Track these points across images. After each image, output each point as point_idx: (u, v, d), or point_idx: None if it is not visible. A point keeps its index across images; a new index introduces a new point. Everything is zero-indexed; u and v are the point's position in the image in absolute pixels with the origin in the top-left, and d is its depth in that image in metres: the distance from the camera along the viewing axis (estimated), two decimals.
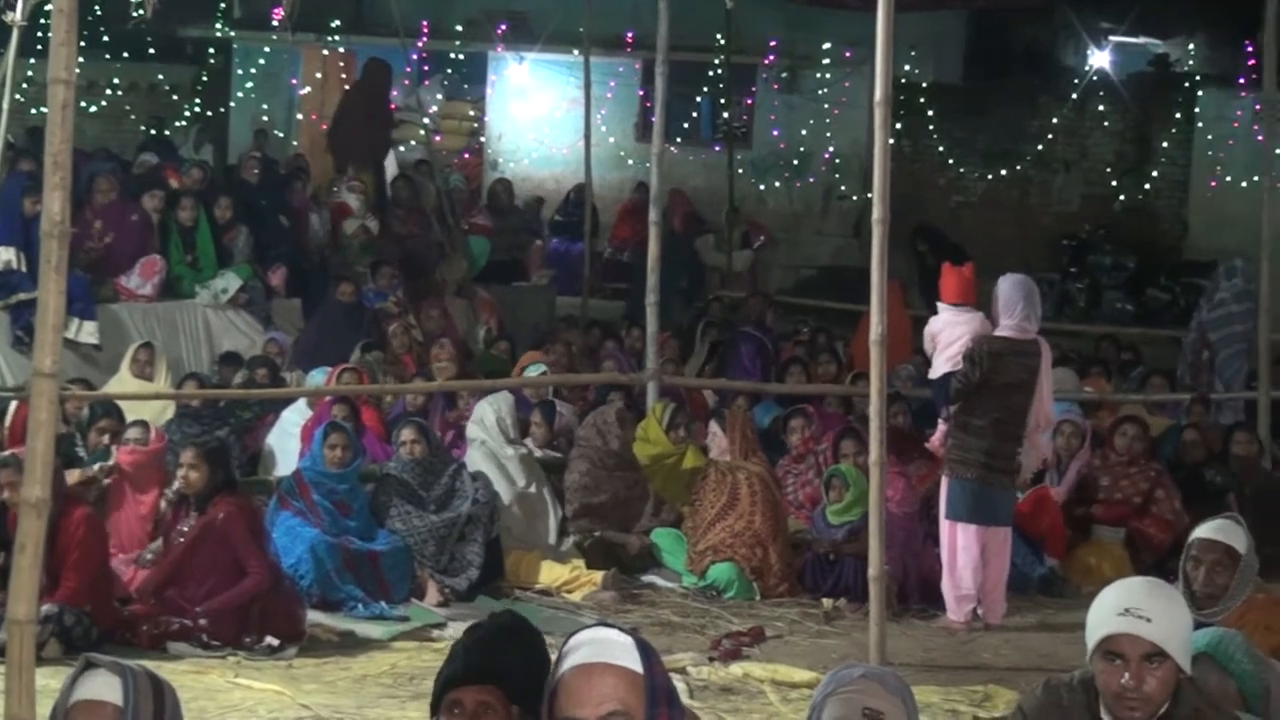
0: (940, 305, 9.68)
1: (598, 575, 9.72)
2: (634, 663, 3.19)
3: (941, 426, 9.61)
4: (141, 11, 12.05)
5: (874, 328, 8.21)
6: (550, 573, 9.81)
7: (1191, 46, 23.03)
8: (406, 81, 18.86)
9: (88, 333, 12.81)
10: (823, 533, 10.13)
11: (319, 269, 15.17)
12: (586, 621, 5.04)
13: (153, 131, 19.96)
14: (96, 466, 9.57)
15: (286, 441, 11.02)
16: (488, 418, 10.48)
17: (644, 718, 3.15)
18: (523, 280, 17.38)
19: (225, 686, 7.71)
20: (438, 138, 20.71)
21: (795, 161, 22.42)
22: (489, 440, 10.37)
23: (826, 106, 22.13)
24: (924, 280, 16.78)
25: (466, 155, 22.55)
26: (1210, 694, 4.59)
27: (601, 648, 3.20)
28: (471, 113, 23.09)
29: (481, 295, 15.69)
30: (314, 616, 8.75)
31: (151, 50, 20.90)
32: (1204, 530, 6.07)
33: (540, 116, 22.29)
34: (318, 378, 11.67)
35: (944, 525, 9.40)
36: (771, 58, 21.91)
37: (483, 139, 22.77)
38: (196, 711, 7.12)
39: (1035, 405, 9.38)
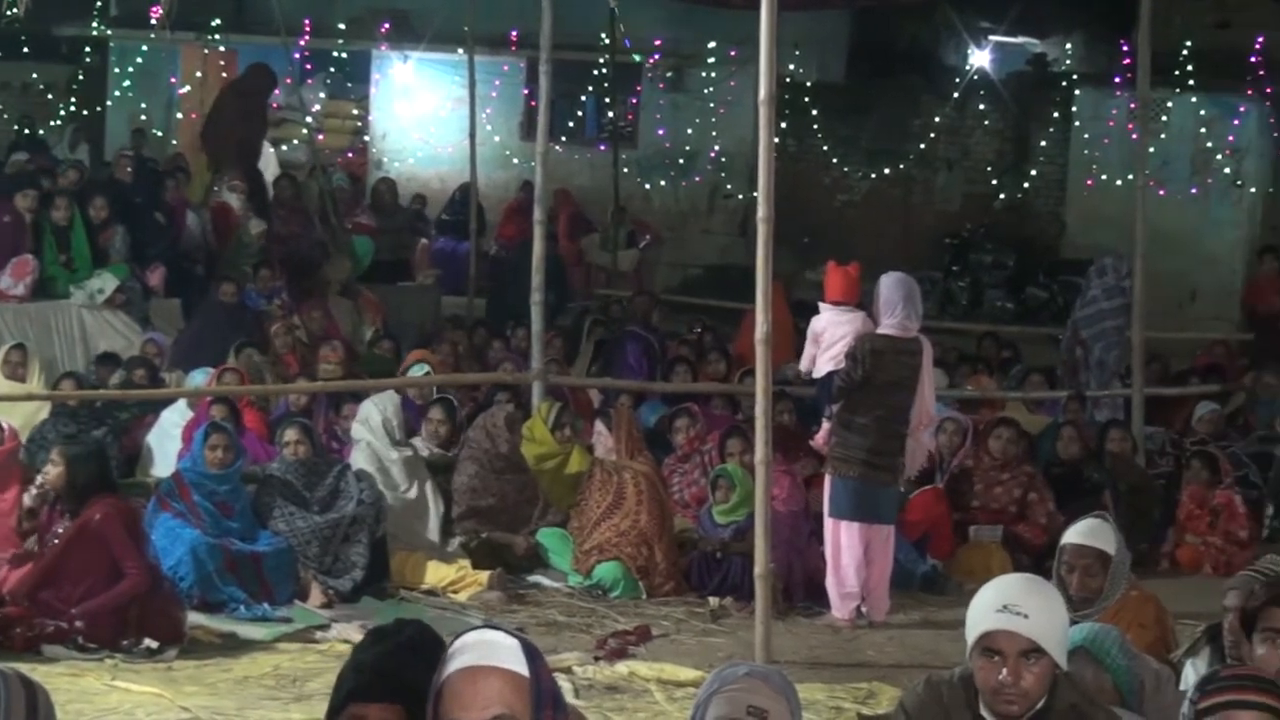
0: (823, 304, 9.74)
1: (484, 575, 9.68)
2: (519, 666, 3.19)
3: (825, 425, 9.65)
4: (15, 9, 11.85)
5: (759, 326, 8.23)
6: (436, 573, 9.76)
7: (1069, 46, 23.33)
8: (289, 80, 18.70)
9: None
10: (709, 532, 10.15)
11: (202, 269, 15.01)
12: (473, 622, 5.01)
13: (26, 131, 19.65)
14: None
15: (166, 442, 10.90)
16: (373, 418, 10.40)
17: None
18: (408, 280, 17.29)
19: (102, 689, 7.61)
20: (320, 137, 20.56)
21: (681, 160, 22.47)
22: (374, 442, 10.29)
23: (712, 105, 22.21)
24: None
25: (350, 154, 22.42)
26: (1086, 688, 4.66)
27: (487, 650, 3.20)
28: (355, 111, 22.97)
29: (366, 295, 15.59)
30: (195, 618, 8.65)
31: (25, 49, 20.57)
32: (1074, 535, 6.15)
33: (425, 115, 22.22)
34: (199, 378, 11.55)
35: (828, 523, 9.44)
36: (656, 56, 21.96)
37: (367, 138, 22.66)
38: (73, 714, 7.03)
39: (917, 403, 9.46)
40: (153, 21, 17.14)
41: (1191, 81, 20.55)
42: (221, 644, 8.51)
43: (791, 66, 21.18)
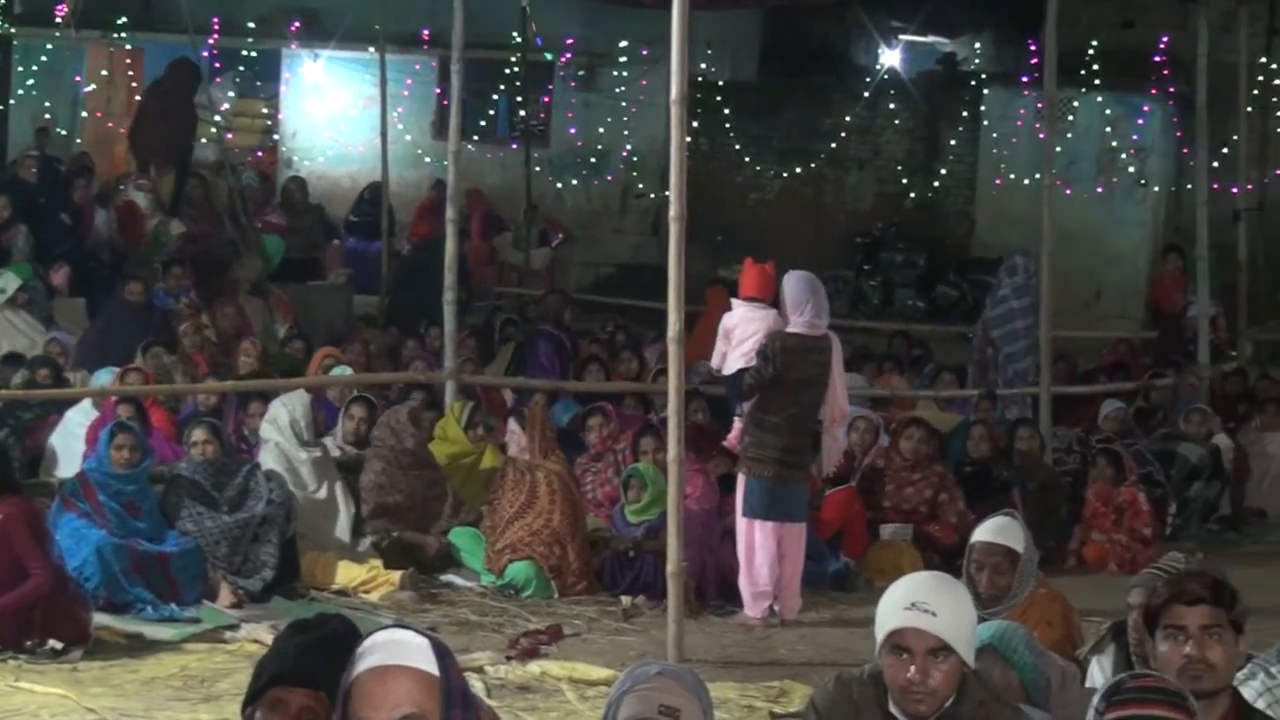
0: (735, 301, 9.74)
1: (395, 575, 9.64)
2: (429, 665, 3.18)
3: (738, 423, 9.67)
4: None
5: (671, 325, 8.26)
6: (347, 573, 9.72)
7: (977, 45, 23.52)
8: None
9: None
10: (622, 531, 10.16)
11: (108, 267, 14.86)
12: (384, 622, 4.99)
13: None
14: None
15: (70, 443, 10.79)
16: (280, 418, 10.30)
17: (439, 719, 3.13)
18: (319, 279, 17.21)
19: (6, 690, 7.53)
20: (230, 135, 20.41)
21: (593, 159, 22.47)
22: (282, 442, 10.20)
23: (624, 104, 22.22)
24: None
25: (260, 153, 22.27)
26: (994, 686, 4.69)
27: (397, 650, 3.19)
28: (265, 110, 22.82)
29: (277, 294, 15.50)
30: (101, 619, 8.55)
31: None
32: (984, 533, 6.20)
33: (336, 114, 22.11)
34: (104, 378, 11.44)
35: (741, 523, 9.46)
36: (568, 55, 21.95)
37: (276, 136, 22.50)
38: None
39: (829, 399, 9.49)
40: (58, 19, 16.96)
41: (1097, 81, 20.77)
42: (128, 645, 8.42)
43: (703, 66, 21.23)
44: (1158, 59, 20.93)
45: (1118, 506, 11.33)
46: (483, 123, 21.88)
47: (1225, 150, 17.76)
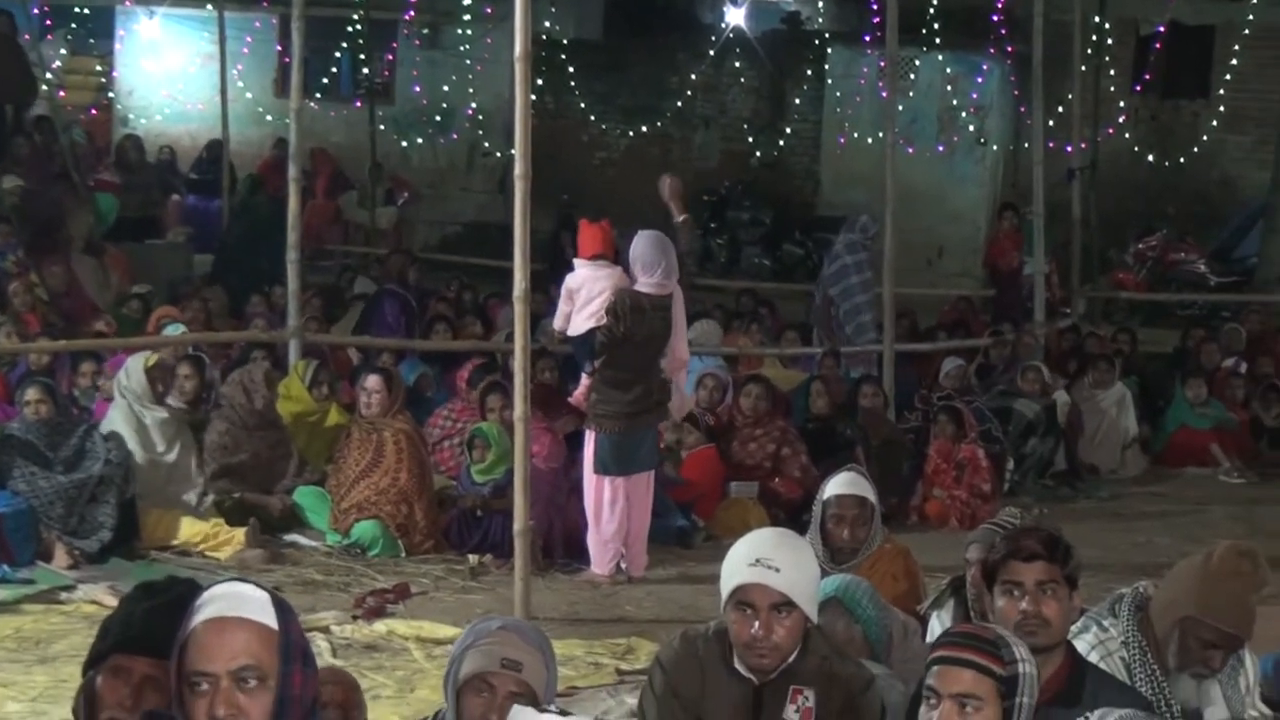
0: (578, 261, 9.71)
1: (240, 532, 9.50)
2: (269, 618, 3.14)
3: (585, 381, 9.65)
4: None
5: (517, 284, 8.24)
6: (190, 529, 9.55)
7: (820, 4, 23.67)
8: (27, 36, 18.09)
9: None
10: (469, 490, 10.12)
11: None
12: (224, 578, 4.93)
13: None
14: None
15: None
16: (135, 375, 10.01)
17: (277, 673, 3.11)
18: (158, 238, 16.92)
19: None
20: (61, 93, 19.97)
21: (438, 118, 22.34)
22: (134, 403, 9.93)
23: (469, 63, 22.10)
24: None
25: (94, 111, 21.83)
26: (837, 640, 4.75)
27: (236, 602, 3.15)
28: (99, 68, 22.39)
29: (112, 253, 15.21)
30: None
31: None
32: (838, 486, 6.26)
33: (174, 72, 21.77)
34: None
35: (590, 479, 9.44)
36: (412, 13, 21.76)
37: (111, 94, 22.08)
38: None
39: (669, 349, 9.49)
40: None
41: (938, 40, 20.99)
42: None
43: (548, 24, 21.17)
44: (996, 18, 21.21)
45: (958, 463, 11.45)
46: (325, 80, 21.64)
47: (1060, 109, 18.05)
